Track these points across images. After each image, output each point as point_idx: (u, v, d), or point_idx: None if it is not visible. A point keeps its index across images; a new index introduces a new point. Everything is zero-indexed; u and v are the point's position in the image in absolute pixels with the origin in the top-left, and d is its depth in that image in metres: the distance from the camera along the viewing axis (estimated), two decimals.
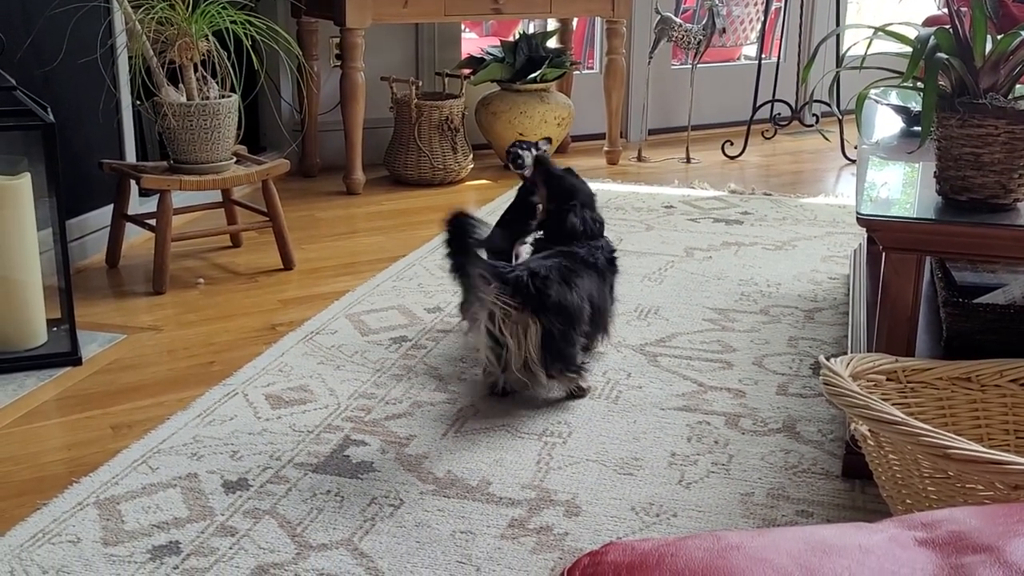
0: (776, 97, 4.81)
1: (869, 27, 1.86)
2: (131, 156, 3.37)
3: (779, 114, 4.90)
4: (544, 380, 2.20)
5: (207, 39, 2.89)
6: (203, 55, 2.92)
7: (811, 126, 5.06)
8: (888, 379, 1.72)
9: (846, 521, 1.77)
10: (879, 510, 1.78)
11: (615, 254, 2.42)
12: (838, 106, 2.01)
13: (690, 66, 4.74)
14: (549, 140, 2.92)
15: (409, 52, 4.57)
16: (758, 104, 4.71)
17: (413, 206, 3.88)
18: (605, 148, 4.63)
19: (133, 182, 3.04)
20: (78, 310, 2.49)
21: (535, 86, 4.35)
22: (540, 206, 2.49)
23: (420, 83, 4.19)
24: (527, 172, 2.65)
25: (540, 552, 1.69)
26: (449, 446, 2.04)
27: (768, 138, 5.05)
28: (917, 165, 2.14)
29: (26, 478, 1.93)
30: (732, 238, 3.43)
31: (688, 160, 4.67)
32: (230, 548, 1.69)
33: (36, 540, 1.70)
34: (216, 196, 3.30)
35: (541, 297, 2.14)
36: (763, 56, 5.17)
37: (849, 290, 2.86)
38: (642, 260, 3.19)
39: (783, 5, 5.30)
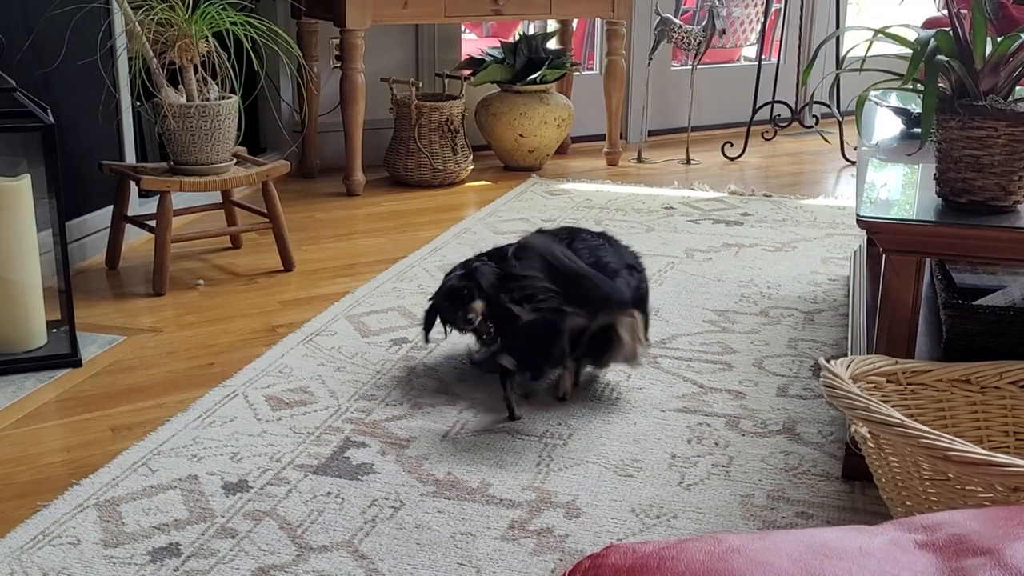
0: (776, 98, 4.82)
1: (869, 29, 1.87)
2: (131, 157, 3.37)
3: (779, 115, 4.91)
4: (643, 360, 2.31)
5: (207, 40, 2.89)
6: (203, 56, 2.92)
7: (811, 127, 5.06)
8: (888, 381, 1.72)
9: (846, 523, 1.77)
10: (879, 512, 1.78)
11: None
12: (838, 108, 2.01)
13: (690, 67, 4.74)
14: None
15: (409, 53, 4.57)
16: (758, 105, 4.72)
17: (413, 207, 3.88)
18: (605, 149, 4.63)
19: (133, 183, 3.04)
20: (78, 312, 2.49)
21: (535, 87, 4.35)
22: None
23: (420, 84, 4.19)
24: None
25: (540, 554, 1.69)
26: (449, 447, 2.04)
27: (768, 139, 5.05)
28: (917, 167, 2.14)
29: (26, 480, 1.93)
30: (732, 239, 3.43)
31: (688, 161, 4.67)
32: (230, 550, 1.69)
33: (36, 542, 1.70)
34: (216, 197, 3.30)
35: (640, 292, 2.29)
36: (763, 57, 5.17)
37: (849, 292, 2.86)
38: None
39: (783, 6, 5.30)
